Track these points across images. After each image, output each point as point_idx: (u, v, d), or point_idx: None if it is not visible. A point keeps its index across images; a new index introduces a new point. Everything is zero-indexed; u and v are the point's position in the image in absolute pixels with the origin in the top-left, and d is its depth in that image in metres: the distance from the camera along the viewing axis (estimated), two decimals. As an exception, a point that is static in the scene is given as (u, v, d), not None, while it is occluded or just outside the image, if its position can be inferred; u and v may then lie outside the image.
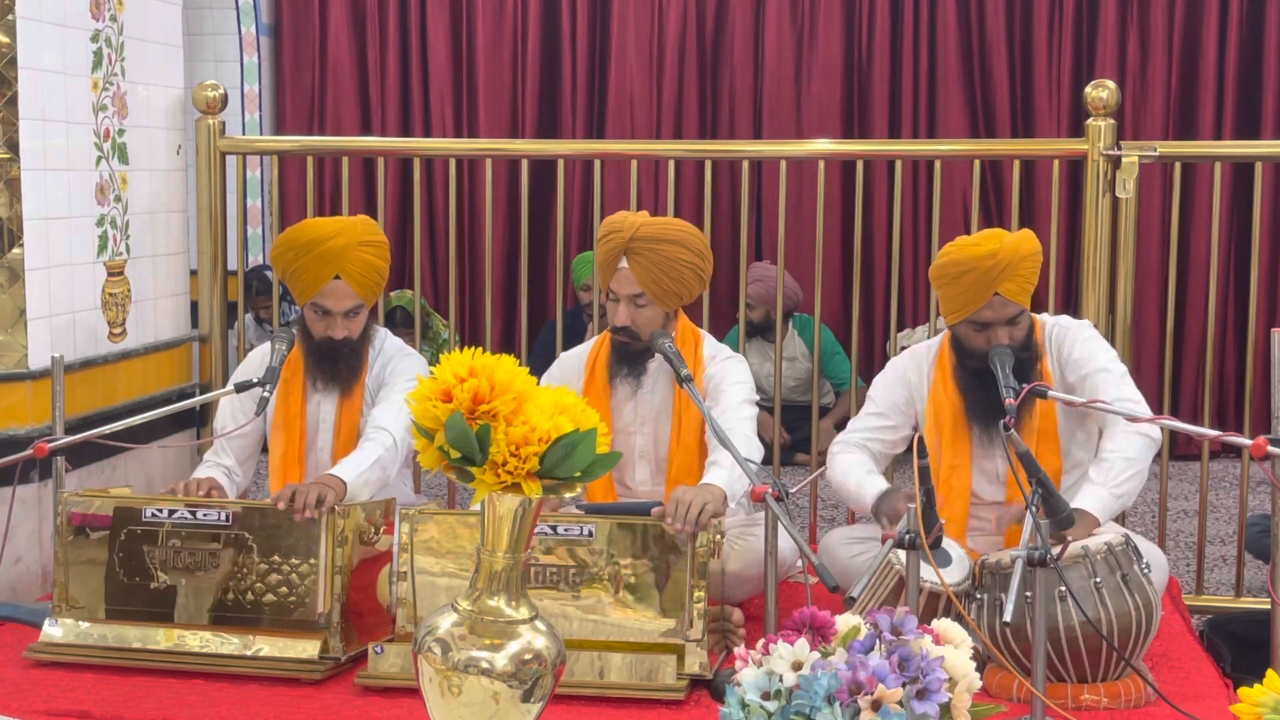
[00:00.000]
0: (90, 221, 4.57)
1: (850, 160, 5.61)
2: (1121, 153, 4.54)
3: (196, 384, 5.11)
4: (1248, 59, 7.26)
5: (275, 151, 5.54)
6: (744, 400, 3.90)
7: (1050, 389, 3.52)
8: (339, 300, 4.03)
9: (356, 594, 3.64)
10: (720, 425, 3.64)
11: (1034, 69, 7.42)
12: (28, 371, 4.24)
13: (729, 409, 3.85)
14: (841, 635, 2.34)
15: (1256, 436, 3.02)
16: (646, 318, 3.93)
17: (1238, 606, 4.57)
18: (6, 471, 3.84)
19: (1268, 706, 2.11)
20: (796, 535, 3.09)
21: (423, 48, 7.80)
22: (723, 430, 3.58)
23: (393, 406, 3.96)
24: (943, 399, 3.91)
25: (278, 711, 3.32)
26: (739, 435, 3.71)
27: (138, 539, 3.65)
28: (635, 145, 6.39)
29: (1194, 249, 7.10)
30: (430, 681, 2.34)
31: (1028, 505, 3.01)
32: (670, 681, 3.34)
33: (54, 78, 4.35)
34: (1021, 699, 3.26)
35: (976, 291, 3.76)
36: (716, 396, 3.91)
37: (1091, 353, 3.86)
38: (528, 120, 7.70)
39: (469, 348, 2.34)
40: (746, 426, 3.83)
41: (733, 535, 3.82)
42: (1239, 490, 4.70)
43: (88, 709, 3.33)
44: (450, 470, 2.29)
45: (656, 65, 7.63)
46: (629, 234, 3.90)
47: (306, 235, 4.02)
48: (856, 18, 7.51)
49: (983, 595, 3.42)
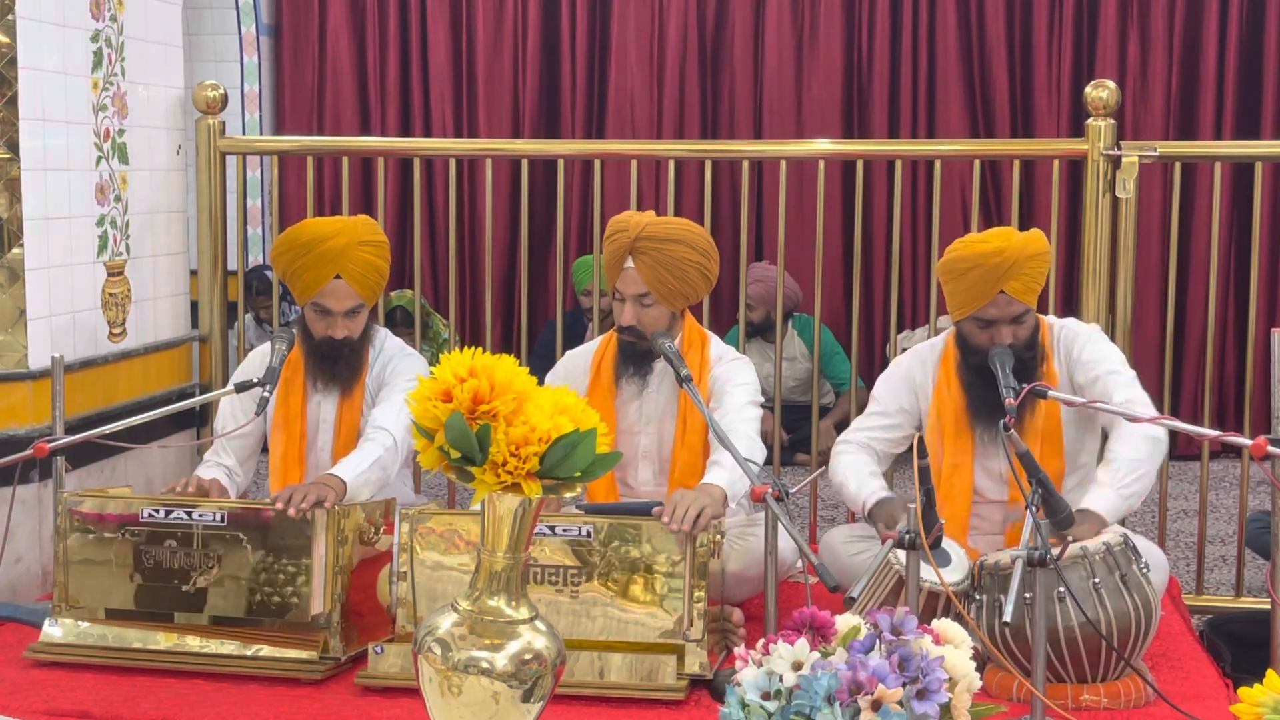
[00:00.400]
0: (90, 221, 4.57)
1: (850, 160, 5.61)
2: (1121, 153, 4.54)
3: (196, 384, 5.11)
4: (1248, 59, 7.26)
5: (275, 151, 5.54)
6: (748, 402, 3.91)
7: (1051, 389, 3.52)
8: (339, 300, 4.03)
9: (356, 594, 3.64)
10: (722, 426, 3.65)
11: (1034, 69, 7.42)
12: (28, 371, 4.24)
13: (733, 410, 3.86)
14: (841, 635, 2.34)
15: (1256, 436, 3.02)
16: (652, 317, 3.94)
17: (1238, 606, 4.57)
18: (6, 471, 3.84)
19: (1268, 706, 2.11)
20: (796, 535, 3.09)
21: (423, 48, 7.80)
22: (723, 431, 3.58)
23: (393, 407, 3.96)
24: (946, 397, 3.91)
25: (278, 711, 3.32)
26: (742, 436, 3.71)
27: (138, 539, 3.65)
28: (635, 145, 6.39)
29: (1194, 249, 7.10)
30: (430, 681, 2.34)
31: (1028, 505, 3.01)
32: (670, 681, 3.34)
33: (54, 78, 4.35)
34: (1021, 699, 3.26)
35: (982, 289, 3.76)
36: (721, 398, 3.92)
37: (1103, 355, 3.86)
38: (527, 120, 7.70)
39: (469, 348, 2.34)
40: (750, 428, 3.83)
41: (733, 535, 3.82)
42: (1239, 490, 4.70)
43: (88, 709, 3.33)
44: (450, 470, 2.29)
45: (656, 65, 7.63)
46: (634, 234, 3.91)
47: (307, 235, 4.02)
48: (856, 18, 7.51)
49: (982, 595, 3.42)
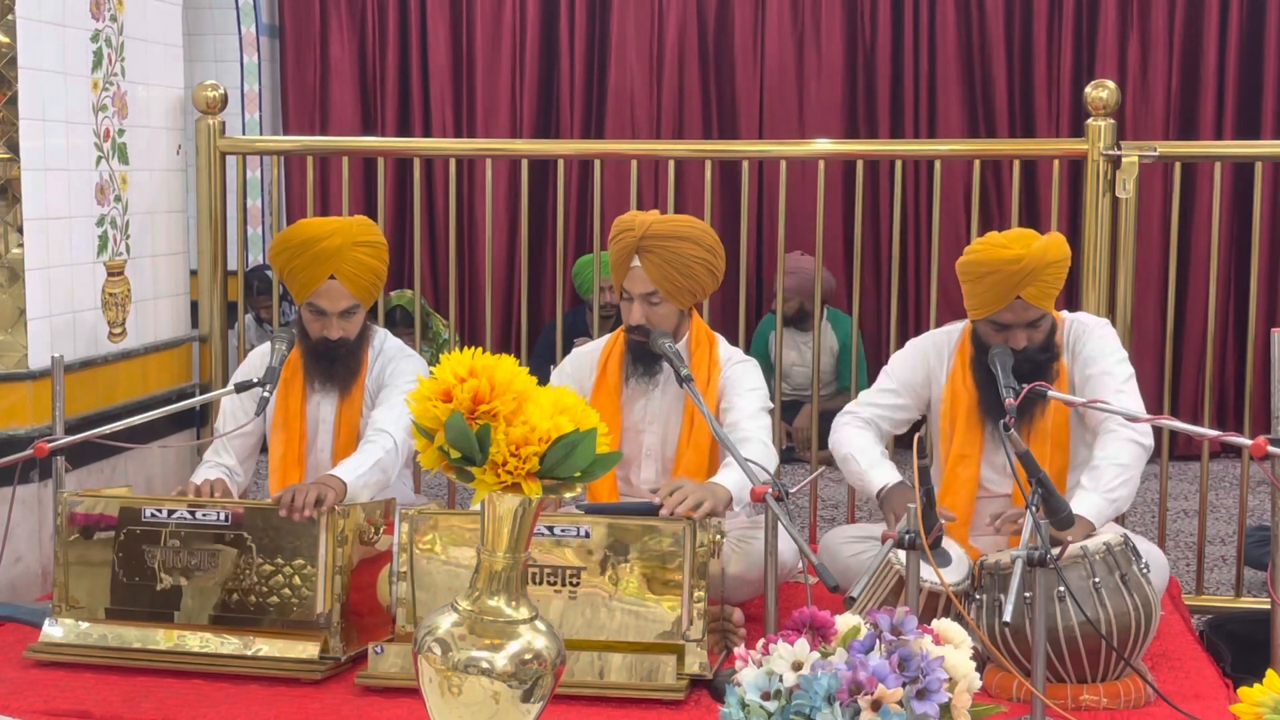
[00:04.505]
0: (90, 221, 4.57)
1: (851, 160, 5.61)
2: (1121, 153, 4.54)
3: (196, 384, 5.11)
4: (1248, 59, 7.26)
5: (275, 151, 5.54)
6: (760, 409, 3.93)
7: (1049, 389, 3.52)
8: (334, 301, 4.03)
9: (356, 594, 3.64)
10: (737, 432, 3.70)
11: (1034, 69, 7.42)
12: (28, 371, 4.24)
13: (746, 416, 3.87)
14: (841, 635, 2.34)
15: (1256, 436, 3.02)
16: (661, 315, 3.94)
17: (1238, 606, 4.58)
18: (6, 471, 3.84)
19: (1268, 706, 2.11)
20: (796, 535, 3.10)
21: (423, 48, 7.80)
22: (723, 431, 3.59)
23: (393, 408, 3.95)
24: (960, 389, 3.92)
25: (278, 711, 3.32)
26: (756, 443, 3.74)
27: (138, 539, 3.65)
28: (635, 145, 6.39)
29: (1194, 249, 7.10)
30: (430, 681, 2.34)
31: (1028, 505, 3.01)
32: (670, 681, 3.34)
33: (54, 78, 4.35)
34: (1021, 699, 3.26)
35: (999, 293, 3.76)
36: (731, 399, 3.93)
37: (1101, 352, 3.86)
38: (526, 120, 7.70)
39: (469, 348, 2.34)
40: (764, 435, 3.85)
41: (734, 538, 3.83)
42: (1239, 490, 4.70)
43: (88, 709, 3.33)
44: (450, 470, 2.29)
45: (656, 65, 7.63)
46: (641, 232, 3.91)
47: (302, 235, 4.03)
48: (857, 18, 7.51)
49: (982, 595, 3.42)
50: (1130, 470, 3.69)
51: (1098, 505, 3.61)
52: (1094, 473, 3.68)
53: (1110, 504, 3.65)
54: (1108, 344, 3.90)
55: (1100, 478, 3.66)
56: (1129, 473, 3.68)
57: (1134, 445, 3.70)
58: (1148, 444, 3.74)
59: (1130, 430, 3.70)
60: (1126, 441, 3.70)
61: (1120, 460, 3.68)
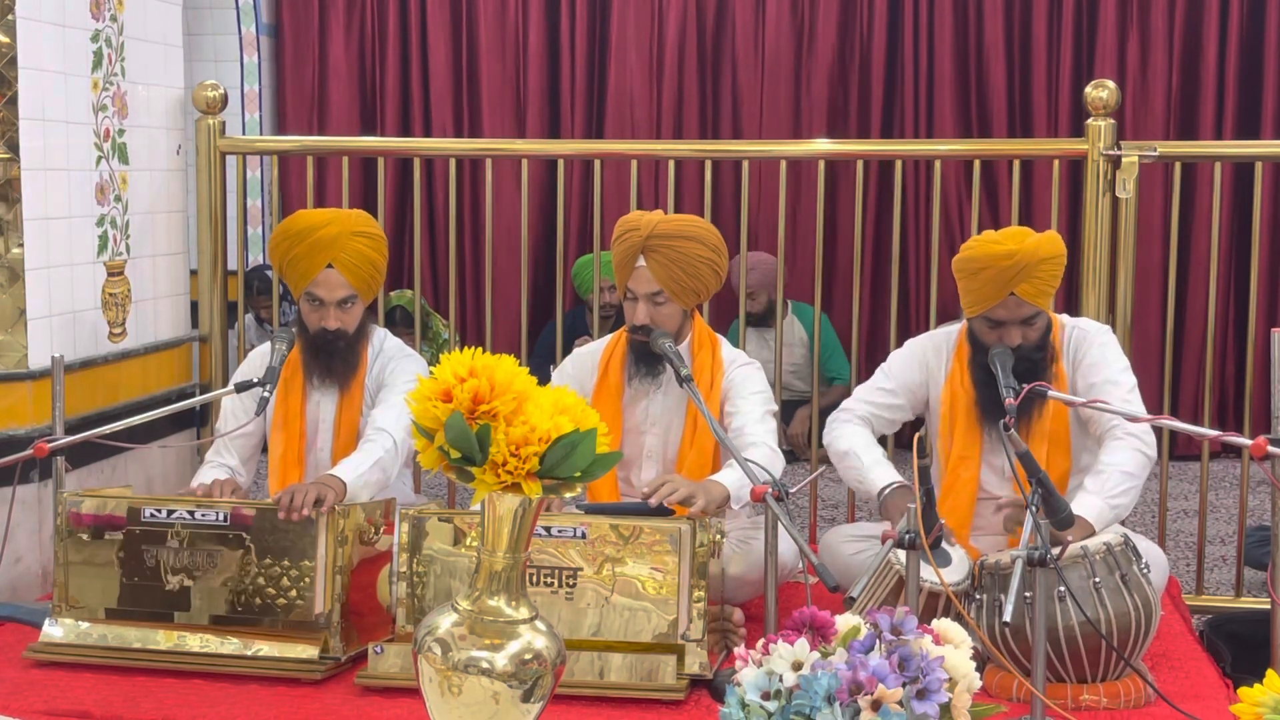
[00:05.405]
0: (90, 221, 4.57)
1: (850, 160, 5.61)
2: (1121, 153, 4.54)
3: (196, 384, 5.11)
4: (1248, 59, 7.26)
5: (275, 151, 5.54)
6: (766, 412, 3.93)
7: (1050, 389, 3.52)
8: (331, 290, 4.03)
9: (356, 594, 3.64)
10: (742, 437, 3.72)
11: (1033, 69, 7.42)
12: (28, 371, 4.24)
13: (752, 420, 3.87)
14: (841, 635, 2.34)
15: (1256, 436, 3.02)
16: (665, 315, 3.94)
17: (1238, 606, 4.58)
18: (6, 471, 3.84)
19: (1268, 706, 2.11)
20: (796, 535, 3.09)
21: (423, 48, 7.80)
22: (722, 431, 3.59)
23: (393, 408, 3.95)
24: (958, 389, 3.92)
25: (278, 711, 3.32)
26: (763, 448, 3.73)
27: (138, 539, 3.65)
28: (635, 145, 6.39)
29: (1194, 249, 7.10)
30: (430, 681, 2.34)
31: (1028, 505, 3.01)
32: (670, 681, 3.34)
33: (54, 78, 4.35)
34: (1021, 699, 3.26)
35: (993, 289, 3.77)
36: (736, 403, 3.93)
37: (1105, 360, 3.86)
38: (528, 120, 7.70)
39: (469, 348, 2.34)
40: (770, 439, 3.85)
41: (734, 539, 3.83)
42: (1239, 490, 4.70)
43: (88, 709, 3.33)
44: (450, 470, 2.29)
45: (656, 65, 7.63)
46: (646, 232, 3.91)
47: (300, 224, 4.04)
48: (855, 18, 7.51)
49: (982, 595, 3.42)
50: (1135, 479, 3.69)
51: (1099, 509, 3.61)
52: (1099, 477, 3.68)
53: (1112, 510, 3.65)
54: (1110, 352, 3.90)
55: (1105, 483, 3.66)
56: (1133, 481, 3.69)
57: (1141, 455, 3.71)
58: (1153, 455, 3.75)
59: (1138, 440, 3.70)
60: (1134, 450, 3.70)
61: (1127, 468, 3.68)
